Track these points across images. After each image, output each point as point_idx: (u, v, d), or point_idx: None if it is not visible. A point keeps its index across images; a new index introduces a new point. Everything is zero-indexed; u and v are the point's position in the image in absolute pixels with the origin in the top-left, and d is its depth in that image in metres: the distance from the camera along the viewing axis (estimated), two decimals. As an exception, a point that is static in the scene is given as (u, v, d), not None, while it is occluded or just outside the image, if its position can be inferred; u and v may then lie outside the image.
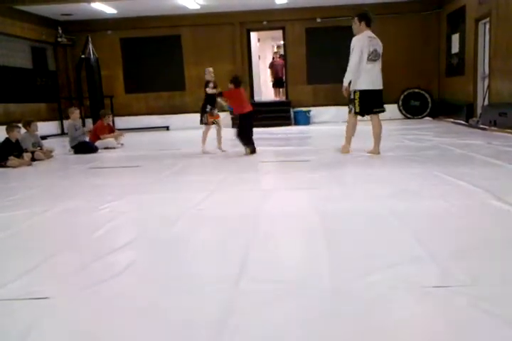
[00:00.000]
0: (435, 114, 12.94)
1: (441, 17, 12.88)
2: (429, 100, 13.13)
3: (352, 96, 5.98)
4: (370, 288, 1.97)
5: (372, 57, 5.85)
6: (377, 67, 5.93)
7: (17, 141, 6.84)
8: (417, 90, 13.19)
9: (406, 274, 2.09)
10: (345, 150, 6.34)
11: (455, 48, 11.92)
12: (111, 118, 9.46)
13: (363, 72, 5.84)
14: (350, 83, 5.99)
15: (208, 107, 7.24)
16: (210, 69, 7.42)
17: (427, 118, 13.00)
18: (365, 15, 5.97)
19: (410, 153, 6.05)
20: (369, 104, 5.95)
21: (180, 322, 1.75)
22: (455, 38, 11.90)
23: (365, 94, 5.88)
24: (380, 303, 1.83)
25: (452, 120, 11.33)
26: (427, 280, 2.02)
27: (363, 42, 5.83)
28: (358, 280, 2.04)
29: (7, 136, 6.76)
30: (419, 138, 7.99)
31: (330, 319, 1.72)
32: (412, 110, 13.27)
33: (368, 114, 6.08)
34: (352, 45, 5.91)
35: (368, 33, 5.95)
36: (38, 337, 1.69)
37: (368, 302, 1.84)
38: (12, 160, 6.52)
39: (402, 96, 13.28)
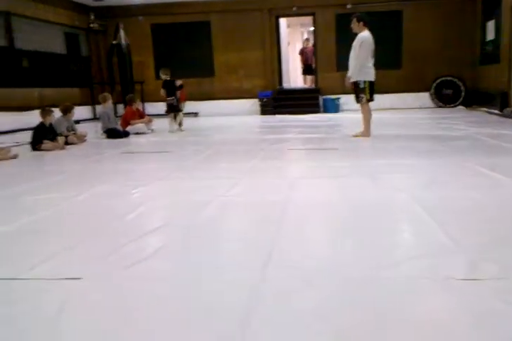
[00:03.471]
0: (468, 103, 12.63)
1: (476, 3, 12.48)
2: (462, 88, 12.81)
3: (362, 86, 6.74)
4: (396, 278, 1.97)
5: (373, 53, 6.83)
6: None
7: (51, 125, 7.00)
8: (449, 78, 12.88)
9: (433, 266, 2.08)
10: (368, 133, 6.81)
11: (490, 35, 11.55)
12: (138, 103, 9.52)
13: (370, 65, 6.75)
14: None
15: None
16: None
17: (460, 107, 12.71)
18: (362, 17, 6.98)
19: (441, 143, 5.95)
20: (372, 93, 6.85)
21: (207, 307, 1.78)
22: (490, 25, 11.53)
23: (372, 84, 6.81)
24: (406, 294, 1.84)
25: (486, 109, 11.05)
26: (454, 272, 2.00)
27: (370, 40, 6.75)
28: (385, 271, 2.04)
29: (41, 120, 6.93)
30: (451, 127, 7.83)
31: (355, 309, 1.73)
32: (445, 99, 12.98)
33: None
34: (360, 39, 6.71)
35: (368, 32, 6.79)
36: (71, 316, 1.76)
37: (393, 293, 1.85)
38: (46, 143, 6.70)
39: (434, 85, 13.00)
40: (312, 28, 14.59)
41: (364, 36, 6.70)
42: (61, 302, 1.84)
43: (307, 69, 15.25)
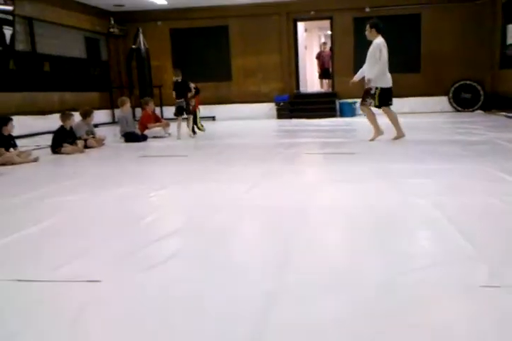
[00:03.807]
0: (487, 107, 12.47)
1: (496, 6, 12.33)
2: (481, 92, 12.66)
3: (373, 92, 6.84)
4: (415, 285, 1.95)
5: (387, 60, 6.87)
6: None
7: (71, 128, 7.11)
8: (468, 82, 12.74)
9: (454, 272, 2.06)
10: (378, 134, 6.91)
11: (511, 39, 11.41)
12: (153, 106, 9.42)
13: (386, 72, 6.85)
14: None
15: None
16: None
17: (479, 111, 12.55)
18: (376, 24, 7.00)
19: (460, 148, 5.88)
20: (387, 98, 6.91)
21: (223, 311, 1.79)
22: (511, 28, 11.39)
23: (385, 90, 6.86)
24: (426, 301, 1.82)
25: (505, 113, 10.89)
26: (474, 279, 1.98)
27: (385, 47, 6.86)
28: (404, 277, 2.02)
29: (62, 123, 7.04)
30: (470, 131, 7.74)
31: (373, 315, 1.72)
32: (463, 103, 12.84)
33: (384, 106, 6.93)
34: (378, 46, 6.80)
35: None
36: (90, 318, 1.78)
37: (413, 299, 1.83)
38: (66, 147, 6.80)
39: (452, 88, 12.87)
40: (329, 32, 14.57)
41: (380, 43, 6.79)
42: (81, 304, 1.86)
43: (324, 73, 15.22)
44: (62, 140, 6.86)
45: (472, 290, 1.89)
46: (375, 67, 6.76)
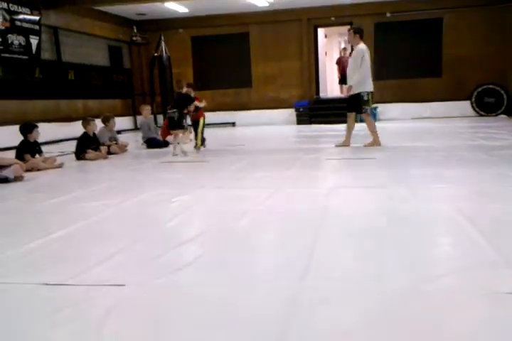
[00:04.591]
0: (511, 112, 12.27)
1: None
2: (505, 97, 12.48)
3: (366, 98, 6.89)
4: (438, 291, 1.93)
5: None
6: None
7: (94, 134, 7.24)
8: (491, 86, 12.57)
9: (478, 278, 2.03)
10: (377, 143, 7.00)
11: (535, 42, 11.24)
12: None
13: (369, 77, 6.94)
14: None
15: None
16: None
17: (502, 115, 12.37)
18: (359, 30, 7.10)
19: (483, 153, 5.80)
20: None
21: (244, 316, 1.80)
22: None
23: (372, 95, 7.01)
24: (449, 308, 1.80)
25: (530, 118, 10.71)
26: (499, 285, 1.95)
27: (368, 53, 6.94)
28: (427, 283, 2.00)
29: (84, 130, 7.18)
30: (493, 136, 7.63)
31: (395, 321, 1.70)
32: (486, 107, 12.67)
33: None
34: (361, 51, 6.84)
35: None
36: (116, 322, 1.80)
37: (435, 306, 1.81)
38: (90, 153, 6.92)
39: (475, 93, 12.72)
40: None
41: (364, 49, 6.86)
42: (106, 308, 1.90)
43: (343, 79, 15.17)
44: (86, 146, 6.99)
45: (498, 297, 1.86)
46: (356, 73, 6.84)
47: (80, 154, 6.98)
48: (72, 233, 3.04)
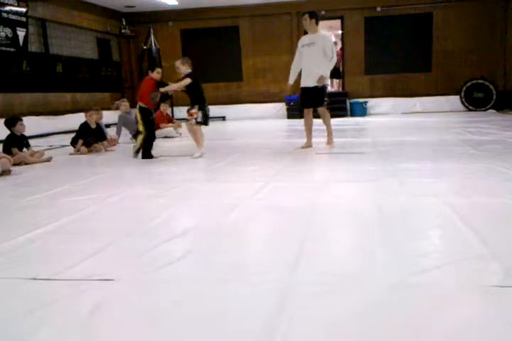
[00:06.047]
0: (500, 107, 12.38)
1: (508, 4, 12.24)
2: (494, 92, 12.57)
3: (326, 91, 6.37)
4: (428, 285, 1.94)
5: None
6: None
7: (98, 126, 7.22)
8: (480, 81, 12.65)
9: (466, 272, 2.05)
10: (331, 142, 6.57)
11: (525, 37, 11.31)
12: (167, 108, 9.63)
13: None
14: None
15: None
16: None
17: (491, 110, 12.46)
18: (315, 14, 6.20)
19: (472, 147, 5.85)
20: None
21: (235, 310, 1.80)
22: (525, 27, 11.30)
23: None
24: (438, 301, 1.81)
25: (518, 113, 10.81)
26: (488, 279, 1.97)
27: None
28: (416, 277, 2.01)
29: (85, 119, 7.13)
30: (482, 131, 7.69)
31: (385, 315, 1.71)
32: (475, 102, 12.76)
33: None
34: (329, 41, 6.18)
35: None
36: (105, 316, 1.79)
37: (425, 299, 1.82)
38: (81, 147, 6.85)
39: (464, 88, 12.79)
40: (340, 32, 14.55)
41: (329, 37, 6.16)
42: (95, 303, 1.89)
43: (334, 73, 15.19)
44: (82, 136, 6.90)
45: (487, 290, 1.88)
46: (326, 63, 6.12)
47: (74, 143, 6.92)
48: (60, 227, 3.01)
